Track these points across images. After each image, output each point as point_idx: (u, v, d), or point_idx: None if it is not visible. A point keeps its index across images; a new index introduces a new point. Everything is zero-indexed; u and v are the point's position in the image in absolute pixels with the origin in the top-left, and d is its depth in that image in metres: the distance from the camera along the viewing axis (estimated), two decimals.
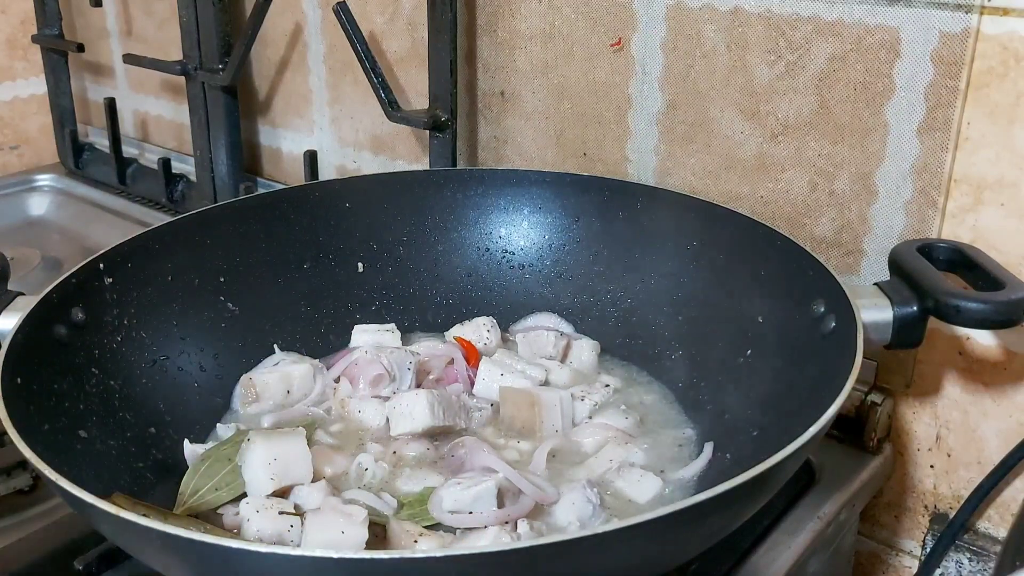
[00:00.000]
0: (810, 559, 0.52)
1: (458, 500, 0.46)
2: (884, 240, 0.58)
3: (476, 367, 0.59)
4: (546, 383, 0.59)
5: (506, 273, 0.66)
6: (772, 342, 0.53)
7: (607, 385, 0.58)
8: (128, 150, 1.03)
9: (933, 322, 0.49)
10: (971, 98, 0.53)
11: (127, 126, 1.10)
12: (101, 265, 0.55)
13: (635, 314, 0.62)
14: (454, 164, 0.73)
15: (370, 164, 0.86)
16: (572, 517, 0.47)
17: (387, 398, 0.56)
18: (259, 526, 0.45)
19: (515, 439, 0.54)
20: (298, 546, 0.44)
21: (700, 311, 0.58)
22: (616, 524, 0.35)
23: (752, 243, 0.56)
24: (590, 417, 0.56)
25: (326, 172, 0.88)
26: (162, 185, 0.96)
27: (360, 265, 0.66)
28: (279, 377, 0.58)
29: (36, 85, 1.10)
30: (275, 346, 0.62)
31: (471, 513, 0.46)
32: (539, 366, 0.59)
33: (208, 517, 0.48)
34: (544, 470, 0.51)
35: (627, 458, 0.52)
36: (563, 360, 0.61)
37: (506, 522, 0.45)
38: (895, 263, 0.52)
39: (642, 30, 0.65)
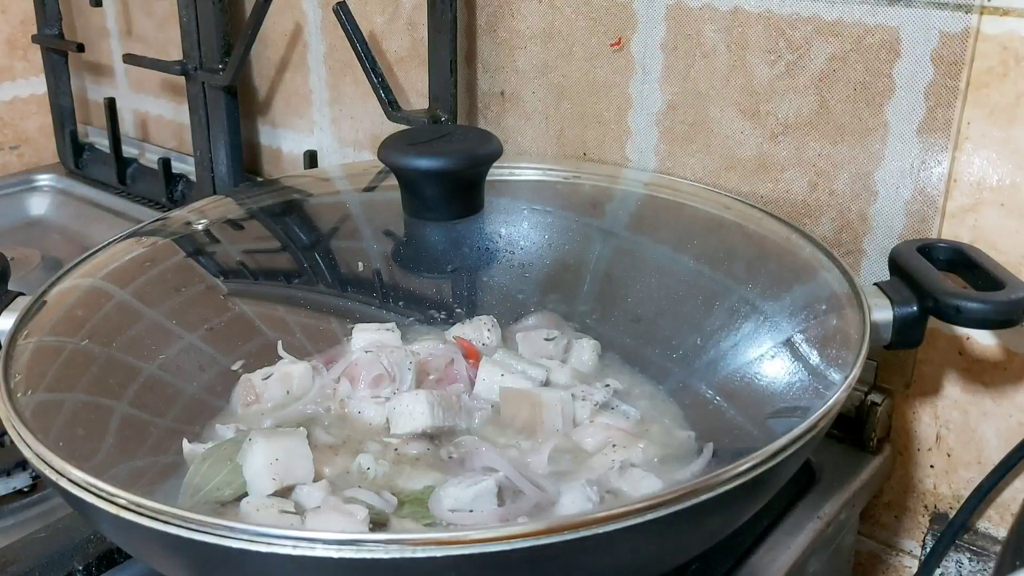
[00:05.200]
0: (810, 559, 0.52)
1: (458, 499, 0.46)
2: (884, 240, 0.58)
3: (476, 367, 0.59)
4: (547, 383, 0.59)
5: (506, 273, 0.66)
6: (773, 341, 0.53)
7: (607, 385, 0.58)
8: (128, 150, 1.03)
9: (933, 322, 0.49)
10: (971, 98, 0.53)
11: (127, 126, 1.10)
12: None
13: (636, 313, 0.62)
14: None
15: None
16: None
17: (387, 398, 0.56)
18: None
19: (516, 439, 0.54)
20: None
21: (701, 310, 0.58)
22: (616, 524, 0.35)
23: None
24: (591, 418, 0.56)
25: None
26: (162, 185, 0.96)
27: (360, 264, 0.66)
28: (279, 377, 0.58)
29: (36, 85, 1.10)
30: (276, 346, 0.62)
31: (471, 512, 0.46)
32: (539, 366, 0.59)
33: None
34: (545, 470, 0.51)
35: (628, 458, 0.52)
36: (563, 360, 0.61)
37: (506, 521, 0.45)
38: (895, 263, 0.52)
39: (642, 30, 0.65)
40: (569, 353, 0.61)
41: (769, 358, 0.52)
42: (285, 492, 0.48)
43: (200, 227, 0.62)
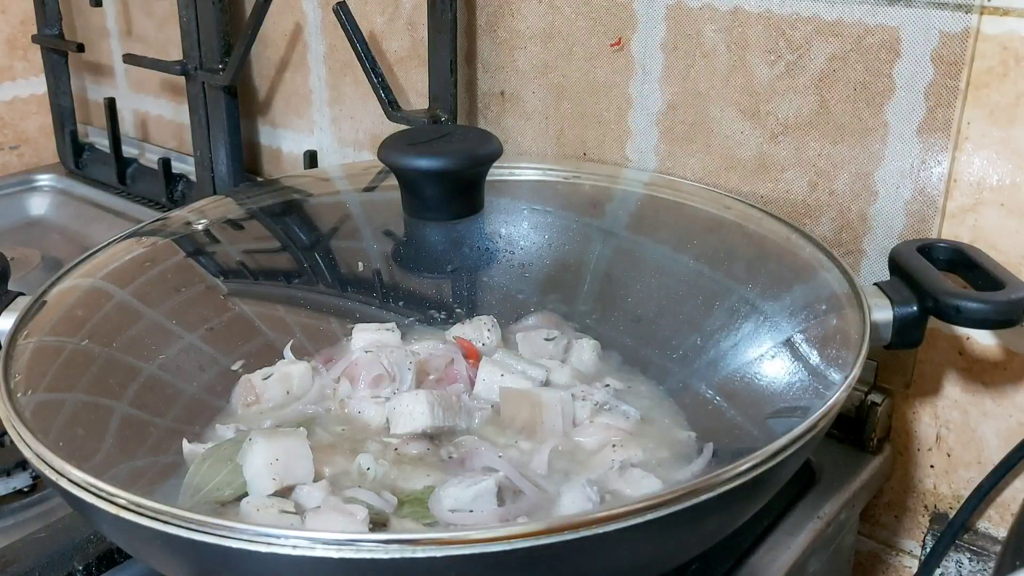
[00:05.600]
0: (810, 559, 0.52)
1: (458, 499, 0.46)
2: (884, 240, 0.58)
3: (476, 367, 0.59)
4: (547, 383, 0.59)
5: (506, 273, 0.66)
6: (773, 341, 0.53)
7: (607, 385, 0.58)
8: (128, 150, 1.03)
9: (933, 322, 0.49)
10: (971, 98, 0.53)
11: (127, 126, 1.10)
12: None
13: (636, 313, 0.62)
14: None
15: None
16: None
17: (387, 398, 0.56)
18: None
19: (516, 439, 0.54)
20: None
21: (701, 310, 0.58)
22: (616, 524, 0.35)
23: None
24: (590, 418, 0.56)
25: None
26: (162, 185, 0.96)
27: (360, 264, 0.66)
28: (279, 377, 0.58)
29: (36, 85, 1.10)
30: (275, 345, 0.62)
31: (471, 512, 0.46)
32: (539, 366, 0.59)
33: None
34: (545, 470, 0.51)
35: (628, 458, 0.52)
36: (563, 360, 0.61)
37: (506, 521, 0.45)
38: (895, 263, 0.52)
39: (642, 30, 0.65)
40: (569, 353, 0.61)
41: (769, 358, 0.52)
42: (285, 492, 0.48)
43: (200, 227, 0.62)
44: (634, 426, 0.55)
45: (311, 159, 0.86)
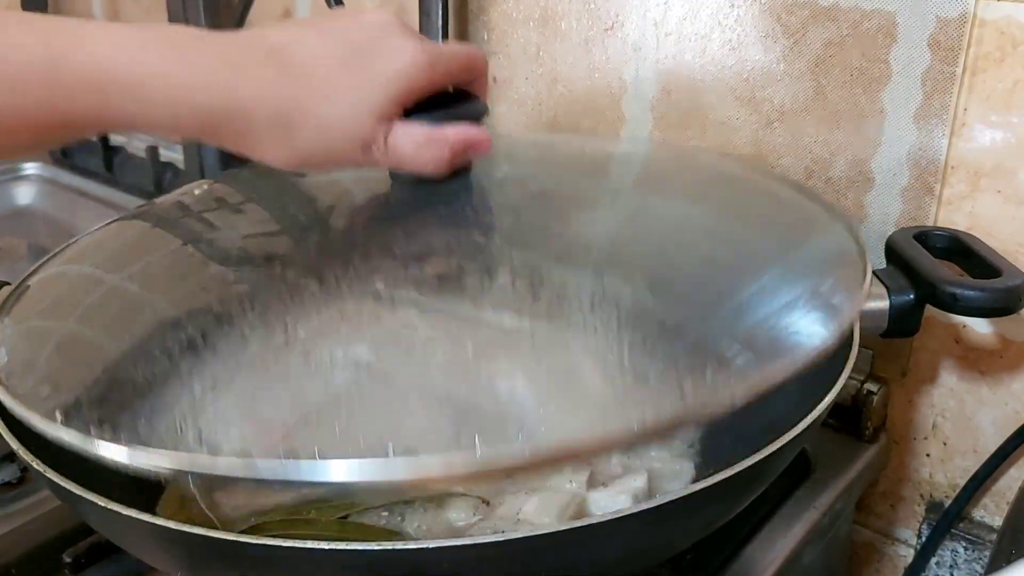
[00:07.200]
0: (806, 548, 0.51)
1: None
2: (880, 227, 0.57)
3: None
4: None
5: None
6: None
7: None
8: (115, 138, 1.02)
9: (929, 310, 0.48)
10: (968, 84, 0.52)
11: None
12: None
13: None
14: None
15: None
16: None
17: None
18: None
19: None
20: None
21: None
22: (607, 515, 0.35)
23: None
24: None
25: None
26: (150, 174, 0.95)
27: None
28: None
29: None
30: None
31: None
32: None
33: None
34: None
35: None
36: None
37: None
38: (891, 250, 0.52)
39: (637, 14, 0.64)
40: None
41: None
42: None
43: (187, 212, 0.61)
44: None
45: None
